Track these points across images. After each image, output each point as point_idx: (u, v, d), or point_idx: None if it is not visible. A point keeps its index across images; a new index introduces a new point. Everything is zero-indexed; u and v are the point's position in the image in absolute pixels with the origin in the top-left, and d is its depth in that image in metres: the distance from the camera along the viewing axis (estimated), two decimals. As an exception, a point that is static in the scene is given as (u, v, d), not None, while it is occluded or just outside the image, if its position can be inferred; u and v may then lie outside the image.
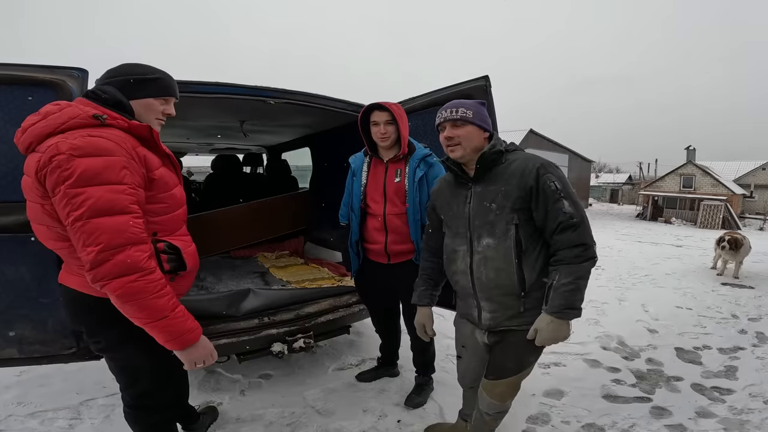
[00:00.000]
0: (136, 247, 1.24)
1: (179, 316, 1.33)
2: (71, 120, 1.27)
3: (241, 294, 2.53)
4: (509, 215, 1.60)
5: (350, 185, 2.41)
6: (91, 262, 1.20)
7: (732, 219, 19.27)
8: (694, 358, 3.45)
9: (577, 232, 1.52)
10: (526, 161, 1.62)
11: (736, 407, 2.65)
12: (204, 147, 5.92)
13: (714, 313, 4.74)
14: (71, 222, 1.20)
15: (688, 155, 24.13)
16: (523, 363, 1.73)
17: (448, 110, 1.69)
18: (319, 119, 3.62)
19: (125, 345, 1.48)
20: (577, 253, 1.51)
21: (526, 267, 1.61)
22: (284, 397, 2.64)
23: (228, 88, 2.47)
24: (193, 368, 1.42)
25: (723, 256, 6.82)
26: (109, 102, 1.38)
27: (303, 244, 4.83)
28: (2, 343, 1.87)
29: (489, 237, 1.64)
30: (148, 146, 1.42)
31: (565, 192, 1.55)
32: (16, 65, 1.82)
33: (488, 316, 1.72)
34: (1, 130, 1.78)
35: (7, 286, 1.82)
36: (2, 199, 1.79)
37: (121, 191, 1.24)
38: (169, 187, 1.47)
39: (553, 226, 1.55)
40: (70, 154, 1.19)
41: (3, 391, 2.65)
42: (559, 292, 1.52)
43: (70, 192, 1.19)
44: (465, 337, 1.92)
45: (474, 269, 1.69)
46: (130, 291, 1.22)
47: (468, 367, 1.98)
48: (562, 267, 1.53)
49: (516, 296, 1.64)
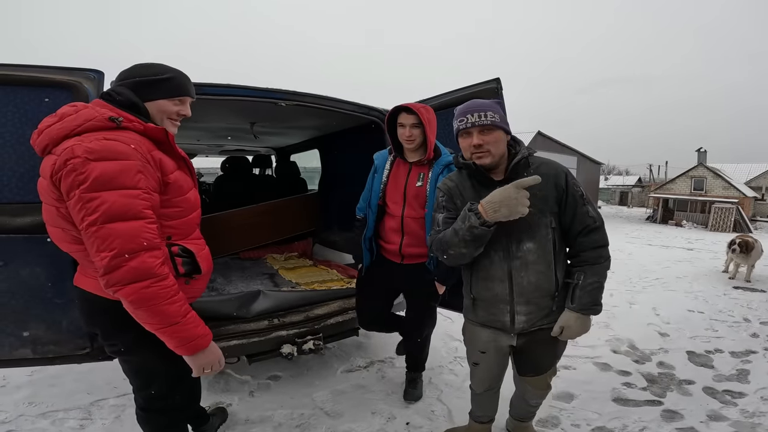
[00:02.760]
0: (150, 253, 1.24)
1: (190, 322, 1.33)
2: (87, 122, 1.27)
3: (252, 295, 2.54)
4: (548, 218, 1.63)
5: (371, 181, 2.38)
6: (104, 267, 1.20)
7: (743, 222, 19.04)
8: (705, 361, 3.41)
9: (600, 234, 1.65)
10: (551, 166, 1.66)
11: (747, 410, 2.63)
12: (214, 148, 5.96)
13: (726, 316, 4.68)
14: (85, 227, 1.20)
15: (699, 157, 23.87)
16: (558, 354, 1.86)
17: (475, 114, 1.58)
18: (328, 121, 3.63)
19: (140, 348, 1.48)
20: (600, 254, 1.64)
21: (559, 268, 1.68)
22: (293, 399, 2.65)
23: (239, 90, 2.48)
24: (201, 374, 1.43)
25: (734, 260, 6.74)
26: (124, 104, 1.37)
27: (311, 246, 4.84)
28: (16, 344, 1.89)
29: (530, 241, 1.63)
30: (163, 149, 1.42)
31: (587, 197, 1.66)
32: (32, 66, 1.83)
33: (523, 318, 1.70)
34: (18, 132, 1.80)
35: (22, 286, 1.84)
36: (19, 200, 1.81)
37: (135, 196, 1.24)
38: (183, 191, 1.47)
39: (579, 228, 1.64)
40: (85, 158, 1.19)
41: (14, 391, 2.68)
42: (586, 290, 1.63)
43: (85, 196, 1.19)
44: (484, 343, 1.86)
45: (514, 274, 1.66)
46: (142, 297, 1.22)
47: (488, 373, 1.95)
48: (587, 267, 1.64)
49: (551, 297, 1.68)
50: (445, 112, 2.70)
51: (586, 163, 26.94)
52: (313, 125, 3.96)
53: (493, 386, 2.00)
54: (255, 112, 3.20)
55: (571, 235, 1.67)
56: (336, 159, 4.63)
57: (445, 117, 2.71)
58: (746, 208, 20.60)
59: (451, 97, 2.64)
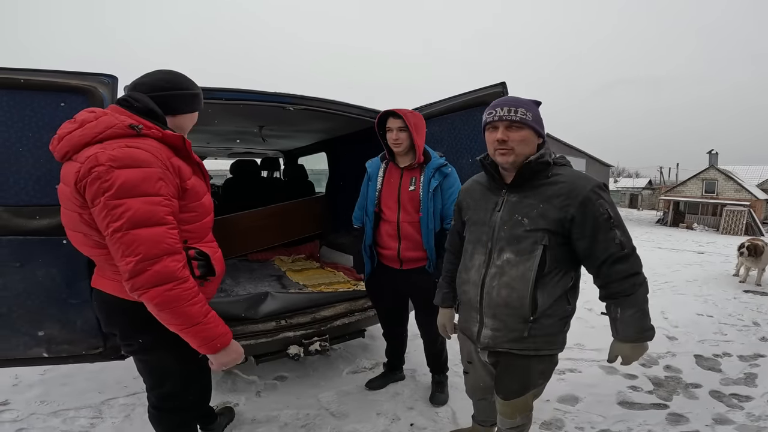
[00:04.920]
0: (172, 257, 1.28)
1: (211, 322, 1.37)
2: (108, 129, 1.30)
3: (260, 297, 2.58)
4: (539, 234, 1.47)
5: (365, 189, 2.44)
6: (129, 272, 1.23)
7: (755, 225, 18.80)
8: (713, 365, 3.39)
9: (629, 263, 1.45)
10: (574, 182, 1.47)
11: (754, 414, 2.62)
12: (223, 151, 6.03)
13: (735, 320, 4.64)
14: (111, 233, 1.24)
15: (711, 159, 23.63)
16: (528, 386, 1.67)
17: (504, 108, 1.47)
18: (335, 125, 3.67)
19: (157, 348, 1.52)
20: (633, 282, 1.45)
21: (542, 292, 1.50)
22: (299, 399, 2.68)
23: (249, 95, 2.52)
24: (221, 369, 1.48)
25: (744, 263, 6.68)
26: (141, 110, 1.40)
27: (319, 248, 4.88)
28: (31, 343, 1.92)
29: (511, 252, 1.51)
30: (180, 156, 1.45)
31: (616, 220, 1.45)
32: (48, 71, 1.87)
33: (489, 333, 1.60)
34: (35, 136, 1.84)
35: (38, 287, 1.87)
36: (35, 203, 1.85)
37: (157, 203, 1.28)
38: (199, 196, 1.51)
39: (603, 257, 1.44)
40: (109, 166, 1.22)
41: (26, 390, 2.73)
42: (627, 323, 1.46)
43: (110, 203, 1.22)
44: (468, 353, 1.85)
45: (486, 282, 1.57)
46: (166, 299, 1.26)
47: (476, 382, 1.92)
48: (622, 299, 1.46)
49: (523, 319, 1.52)
50: (450, 116, 2.73)
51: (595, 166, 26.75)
52: (320, 128, 4.00)
53: (487, 396, 1.94)
54: (263, 116, 3.25)
55: (592, 264, 1.49)
56: (343, 162, 4.67)
57: (450, 121, 2.73)
58: (758, 211, 20.35)
59: (456, 102, 2.65)
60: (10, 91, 1.82)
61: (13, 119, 1.83)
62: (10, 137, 1.82)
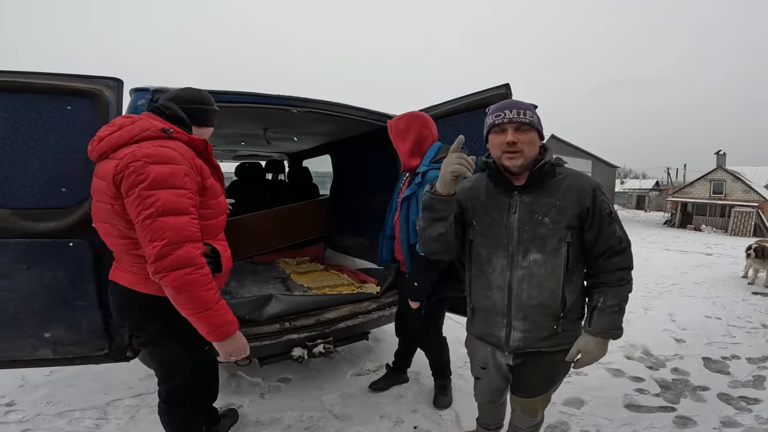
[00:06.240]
0: (192, 244, 1.43)
1: (221, 309, 1.48)
2: (144, 132, 1.49)
3: (264, 299, 2.58)
4: (563, 232, 1.50)
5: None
6: (155, 255, 1.37)
7: (764, 226, 18.62)
8: (721, 367, 3.36)
9: (624, 257, 1.54)
10: (580, 178, 1.55)
11: (762, 417, 2.60)
12: (228, 154, 6.05)
13: (744, 322, 4.60)
14: (141, 219, 1.39)
15: (718, 160, 23.41)
16: (554, 381, 1.71)
17: (513, 111, 1.47)
18: (339, 127, 3.68)
19: (165, 338, 1.64)
20: (622, 276, 1.53)
21: (568, 287, 1.54)
22: (303, 401, 2.68)
23: (253, 98, 2.53)
24: (228, 359, 1.56)
25: (753, 265, 6.63)
26: (172, 117, 1.63)
27: (323, 251, 4.88)
28: (37, 344, 1.94)
29: (538, 252, 1.51)
30: (202, 158, 1.64)
31: (615, 215, 1.54)
32: (55, 75, 1.90)
33: (519, 336, 1.58)
34: (41, 139, 1.86)
35: (44, 289, 1.89)
36: (42, 206, 1.87)
37: (183, 195, 1.45)
38: (216, 195, 1.67)
39: (603, 248, 1.53)
40: (144, 161, 1.40)
41: (32, 390, 2.75)
42: (605, 313, 1.52)
43: (144, 193, 1.38)
44: (483, 359, 1.77)
45: (514, 285, 1.54)
46: (184, 283, 1.39)
47: (488, 388, 1.87)
48: (607, 289, 1.53)
49: (554, 317, 1.55)
50: (454, 118, 2.72)
51: (601, 167, 26.63)
52: (324, 131, 4.01)
53: (496, 399, 1.92)
54: (268, 119, 3.26)
55: (593, 255, 1.55)
56: (347, 164, 4.68)
57: (454, 123, 2.73)
58: (767, 212, 20.15)
59: (459, 104, 2.65)
60: (16, 94, 1.84)
61: (20, 122, 1.85)
62: (17, 140, 1.84)
